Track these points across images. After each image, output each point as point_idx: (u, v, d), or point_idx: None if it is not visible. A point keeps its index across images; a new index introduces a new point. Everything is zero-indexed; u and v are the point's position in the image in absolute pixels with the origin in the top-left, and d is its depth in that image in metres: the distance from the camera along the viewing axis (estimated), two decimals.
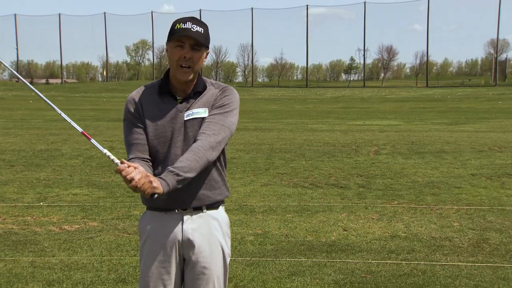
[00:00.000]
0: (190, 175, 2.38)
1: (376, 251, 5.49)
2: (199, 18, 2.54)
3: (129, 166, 2.26)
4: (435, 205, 7.45)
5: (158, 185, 2.27)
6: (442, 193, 8.27)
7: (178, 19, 2.50)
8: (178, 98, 2.55)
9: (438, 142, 14.95)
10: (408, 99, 52.95)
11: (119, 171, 2.26)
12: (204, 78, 2.63)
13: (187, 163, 2.37)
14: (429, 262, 5.15)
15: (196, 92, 2.55)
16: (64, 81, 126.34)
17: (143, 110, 2.55)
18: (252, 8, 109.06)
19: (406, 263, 5.10)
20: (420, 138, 16.22)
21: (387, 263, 5.12)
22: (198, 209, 2.58)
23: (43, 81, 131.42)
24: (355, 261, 5.18)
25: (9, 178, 9.68)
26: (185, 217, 2.57)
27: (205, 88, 2.58)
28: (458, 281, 4.66)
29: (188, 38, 2.46)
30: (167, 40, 2.51)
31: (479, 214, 6.93)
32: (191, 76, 2.51)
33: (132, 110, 2.56)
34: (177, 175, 2.34)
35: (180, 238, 2.56)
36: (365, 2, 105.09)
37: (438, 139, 15.75)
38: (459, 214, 6.97)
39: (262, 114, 30.72)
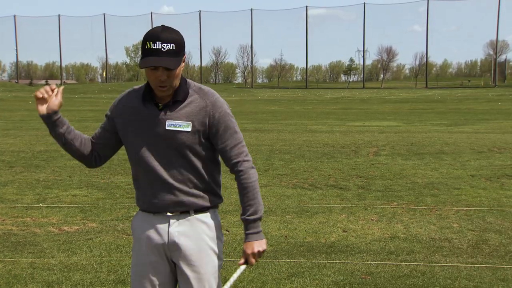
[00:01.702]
0: (262, 208, 2.66)
1: (375, 252, 5.49)
2: (169, 27, 2.44)
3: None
4: (435, 206, 7.45)
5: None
6: (442, 194, 8.27)
7: (148, 35, 2.41)
8: (159, 105, 2.54)
9: (438, 143, 14.96)
10: (407, 100, 52.97)
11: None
12: (188, 81, 2.58)
13: (256, 204, 2.62)
14: (429, 263, 5.15)
15: (175, 101, 2.52)
16: (64, 82, 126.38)
17: (123, 116, 2.59)
18: (251, 9, 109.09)
19: (406, 264, 5.10)
20: (419, 139, 16.23)
21: (386, 264, 5.12)
22: (185, 213, 2.58)
23: (43, 82, 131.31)
24: (354, 262, 5.18)
25: (8, 179, 9.67)
26: (172, 220, 2.57)
27: (186, 96, 2.53)
28: (457, 282, 4.66)
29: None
30: (141, 57, 2.45)
31: (479, 215, 6.93)
32: (170, 92, 2.50)
33: (111, 112, 2.65)
34: (259, 219, 2.64)
35: (166, 240, 2.57)
36: (364, 3, 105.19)
37: (438, 140, 15.76)
38: (458, 215, 6.98)
39: (262, 115, 30.72)
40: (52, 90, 2.64)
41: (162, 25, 2.45)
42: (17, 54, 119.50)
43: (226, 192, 7.72)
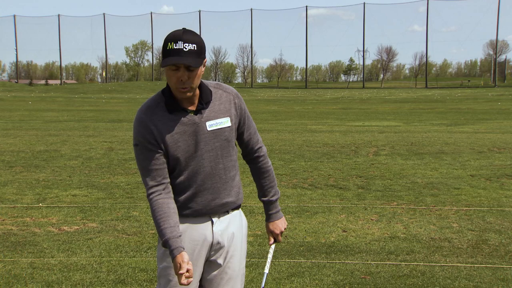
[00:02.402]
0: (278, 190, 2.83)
1: (375, 252, 5.49)
2: (191, 30, 2.44)
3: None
4: (434, 206, 7.45)
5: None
6: (441, 194, 8.27)
7: (169, 36, 2.40)
8: (189, 111, 2.50)
9: (437, 143, 14.96)
10: (407, 100, 52.97)
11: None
12: (205, 82, 2.59)
13: (275, 186, 2.79)
14: (428, 263, 5.15)
15: (206, 101, 2.52)
16: (63, 82, 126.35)
17: (159, 131, 2.47)
18: (251, 9, 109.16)
19: (406, 264, 5.10)
20: (419, 139, 16.23)
21: (386, 264, 5.12)
22: (225, 212, 2.64)
23: (43, 82, 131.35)
24: (354, 262, 5.18)
25: (8, 179, 9.67)
26: (214, 219, 2.61)
27: (211, 94, 2.55)
28: (457, 282, 4.66)
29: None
30: (162, 58, 2.44)
31: (478, 215, 6.93)
32: (191, 94, 2.46)
33: (146, 135, 2.47)
34: (277, 199, 2.82)
35: (210, 240, 2.59)
36: (364, 3, 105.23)
37: (437, 140, 15.76)
38: (458, 215, 6.98)
39: (262, 115, 30.71)
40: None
41: (183, 28, 2.45)
42: (16, 54, 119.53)
43: None
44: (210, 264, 2.63)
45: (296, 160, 11.89)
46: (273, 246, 2.88)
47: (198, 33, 2.48)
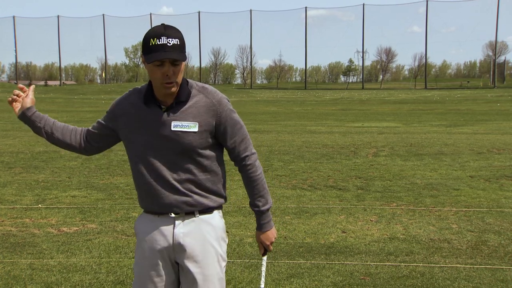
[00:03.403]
0: (270, 196, 2.76)
1: (374, 253, 5.49)
2: (170, 25, 2.43)
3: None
4: (434, 207, 7.45)
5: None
6: (441, 195, 8.27)
7: (150, 32, 2.40)
8: (162, 107, 2.52)
9: (437, 144, 14.96)
10: (406, 101, 52.99)
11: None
12: (190, 81, 2.56)
13: (266, 194, 2.71)
14: (428, 264, 5.15)
15: (179, 101, 2.50)
16: (63, 83, 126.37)
17: (126, 117, 2.59)
18: (251, 10, 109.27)
19: (405, 265, 5.10)
20: (418, 140, 16.23)
21: (385, 265, 5.12)
22: (190, 214, 2.58)
23: (42, 83, 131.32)
24: (353, 263, 5.17)
25: (7, 180, 9.67)
26: (177, 221, 2.57)
27: (189, 96, 2.52)
28: (456, 283, 4.66)
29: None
30: (143, 54, 2.43)
31: (478, 216, 6.93)
32: (176, 89, 2.47)
33: (113, 110, 2.65)
34: (270, 207, 2.74)
35: (171, 242, 2.56)
36: (363, 4, 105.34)
37: (437, 141, 15.76)
38: (457, 216, 6.98)
39: (261, 116, 30.72)
40: (23, 91, 2.79)
41: (162, 24, 2.44)
42: (16, 55, 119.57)
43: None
44: (182, 268, 2.60)
45: (295, 161, 11.89)
46: (265, 258, 2.84)
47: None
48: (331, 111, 37.15)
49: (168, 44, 2.36)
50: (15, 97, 2.76)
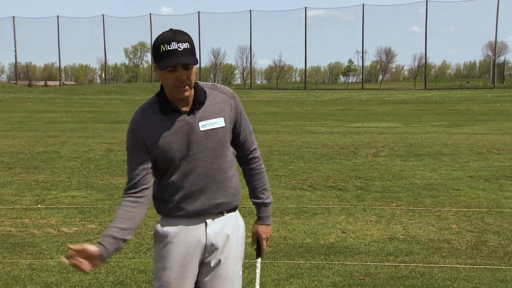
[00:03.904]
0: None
1: (374, 253, 5.49)
2: (178, 29, 2.43)
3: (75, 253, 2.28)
4: (434, 207, 7.45)
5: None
6: (441, 195, 8.27)
7: (159, 38, 2.38)
8: (183, 112, 2.50)
9: (437, 144, 14.96)
10: (406, 101, 53.00)
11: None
12: (199, 83, 2.59)
13: (268, 189, 2.80)
14: (428, 264, 5.15)
15: (199, 102, 2.51)
16: (63, 83, 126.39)
17: (152, 134, 2.47)
18: (250, 10, 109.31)
19: (405, 266, 5.10)
20: (418, 140, 16.23)
21: (385, 265, 5.12)
22: (219, 213, 2.61)
23: (42, 83, 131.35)
24: (353, 263, 5.17)
25: (7, 180, 9.66)
26: (208, 221, 2.58)
27: (205, 95, 2.55)
28: (456, 283, 4.66)
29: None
30: (155, 61, 2.42)
31: (478, 216, 6.93)
32: (189, 93, 2.46)
33: (137, 140, 2.49)
34: (270, 202, 2.80)
35: (204, 242, 2.57)
36: (363, 4, 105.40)
37: (437, 141, 15.76)
38: (457, 216, 6.98)
39: (261, 116, 30.72)
40: (78, 252, 2.30)
41: (170, 29, 2.43)
42: (16, 55, 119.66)
43: None
44: (204, 266, 2.61)
45: (295, 161, 11.89)
46: (259, 260, 2.83)
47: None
48: (331, 111, 37.15)
49: (178, 49, 2.36)
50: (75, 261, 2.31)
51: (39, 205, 7.64)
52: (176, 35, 2.39)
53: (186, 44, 2.38)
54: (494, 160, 11.89)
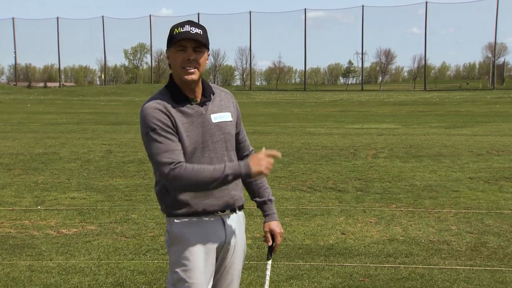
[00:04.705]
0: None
1: (374, 254, 5.49)
2: (196, 21, 2.50)
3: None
4: (433, 209, 7.45)
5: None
6: (440, 196, 8.27)
7: (175, 25, 2.45)
8: (195, 101, 2.50)
9: (436, 146, 14.97)
10: (406, 102, 53.02)
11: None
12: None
13: (269, 187, 2.84)
14: (427, 265, 5.15)
15: (208, 95, 2.54)
16: (62, 84, 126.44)
17: (174, 118, 2.41)
18: (250, 12, 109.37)
19: (404, 267, 5.10)
20: (418, 141, 16.24)
21: (385, 266, 5.12)
22: (233, 210, 2.62)
23: (41, 84, 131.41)
24: (353, 264, 5.17)
25: (6, 181, 9.66)
26: (224, 219, 2.57)
27: (212, 91, 2.58)
28: (456, 284, 4.66)
29: (189, 40, 2.40)
30: (168, 47, 2.45)
31: (477, 218, 6.93)
32: (197, 76, 2.44)
33: (164, 119, 2.39)
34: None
35: (223, 240, 2.57)
36: (363, 6, 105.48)
37: (436, 143, 15.77)
38: (457, 217, 6.98)
39: (260, 117, 30.72)
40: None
41: (187, 20, 2.52)
42: (15, 57, 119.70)
43: None
44: (221, 265, 2.62)
45: (295, 163, 11.89)
46: (269, 262, 2.80)
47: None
48: (331, 112, 37.16)
49: (191, 31, 2.41)
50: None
51: (39, 207, 7.63)
52: (191, 22, 2.46)
53: (199, 30, 2.44)
54: (494, 161, 11.89)
